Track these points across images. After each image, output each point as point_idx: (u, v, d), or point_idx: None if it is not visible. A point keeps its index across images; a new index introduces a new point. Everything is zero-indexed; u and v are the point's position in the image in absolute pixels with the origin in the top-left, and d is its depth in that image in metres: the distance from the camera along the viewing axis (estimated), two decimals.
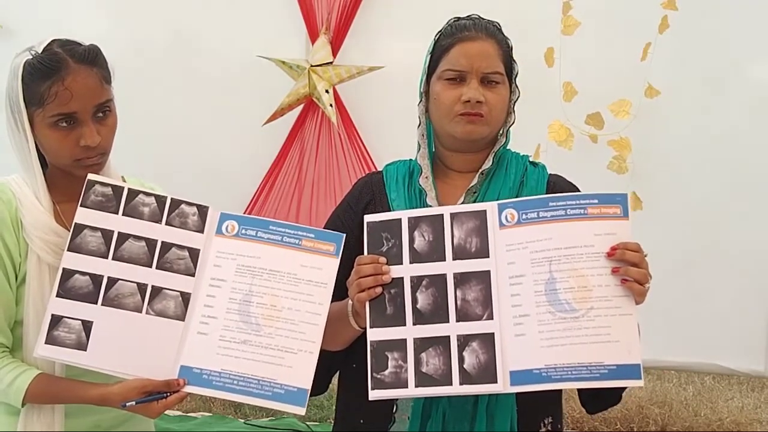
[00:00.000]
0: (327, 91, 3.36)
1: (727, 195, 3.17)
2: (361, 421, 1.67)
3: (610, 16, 3.20)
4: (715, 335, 3.20)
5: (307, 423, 3.67)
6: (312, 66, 3.39)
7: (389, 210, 1.67)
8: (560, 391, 1.69)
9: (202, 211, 1.64)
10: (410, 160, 1.76)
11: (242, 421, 3.76)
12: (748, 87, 3.19)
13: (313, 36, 3.45)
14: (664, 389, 4.36)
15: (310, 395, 1.55)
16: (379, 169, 1.82)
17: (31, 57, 1.59)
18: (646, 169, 3.17)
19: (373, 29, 3.45)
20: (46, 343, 1.55)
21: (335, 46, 3.43)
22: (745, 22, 3.13)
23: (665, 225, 3.10)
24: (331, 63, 3.41)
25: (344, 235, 1.61)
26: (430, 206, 1.65)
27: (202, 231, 1.63)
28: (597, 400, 1.70)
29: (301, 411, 1.54)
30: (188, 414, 3.82)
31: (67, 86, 1.56)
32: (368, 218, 1.59)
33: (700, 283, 3.19)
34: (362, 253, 1.57)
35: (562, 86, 3.15)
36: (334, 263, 1.59)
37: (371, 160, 3.39)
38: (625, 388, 1.63)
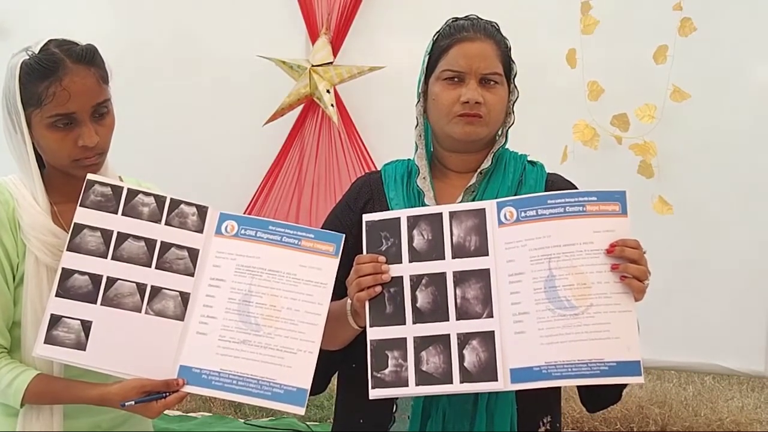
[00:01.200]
0: (328, 91, 3.36)
1: (727, 195, 3.16)
2: (361, 421, 1.67)
3: (624, 18, 3.18)
4: (715, 335, 3.20)
5: (307, 423, 3.67)
6: (313, 66, 3.38)
7: (388, 209, 1.66)
8: (559, 390, 1.69)
9: (202, 211, 1.64)
10: (409, 159, 1.76)
11: (242, 421, 3.76)
12: (750, 87, 3.19)
13: (313, 36, 3.44)
14: (664, 389, 4.36)
15: (309, 394, 1.55)
16: (379, 168, 1.81)
17: (28, 57, 1.58)
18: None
19: (373, 29, 3.45)
20: (45, 342, 1.54)
21: (335, 46, 3.42)
22: (755, 24, 3.13)
23: (665, 225, 3.09)
24: (332, 63, 3.41)
25: (344, 235, 1.61)
26: (428, 206, 1.65)
27: (201, 231, 1.62)
28: (597, 399, 1.70)
29: (301, 411, 1.54)
30: (188, 414, 3.82)
31: (65, 86, 1.55)
32: (367, 217, 1.59)
33: (700, 283, 3.19)
34: (361, 253, 1.57)
35: (587, 86, 3.12)
36: (333, 263, 1.59)
37: (371, 160, 3.39)
38: (624, 386, 1.63)
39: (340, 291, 1.60)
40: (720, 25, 3.10)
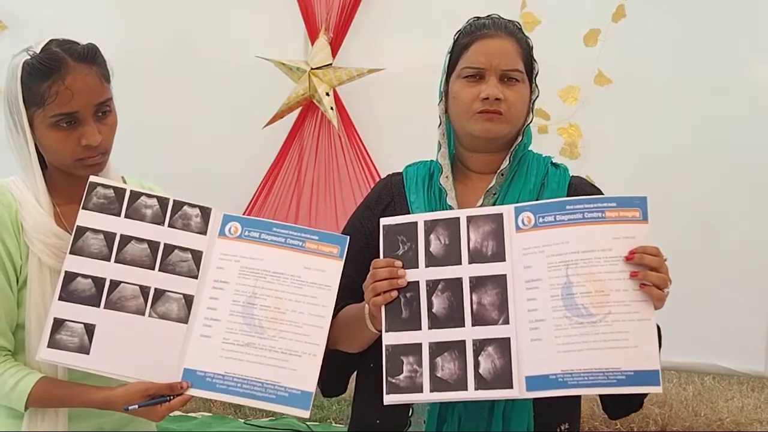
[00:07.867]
0: (327, 94, 3.34)
1: (727, 194, 3.17)
2: (378, 421, 1.65)
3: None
4: (715, 335, 3.20)
5: (307, 423, 3.66)
6: (312, 69, 3.37)
7: (408, 212, 1.65)
8: (579, 396, 1.66)
9: (205, 212, 1.62)
10: (430, 161, 1.74)
11: (242, 421, 3.74)
12: (747, 86, 3.19)
13: (313, 36, 3.43)
14: (664, 389, 4.29)
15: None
16: (380, 169, 1.80)
17: (29, 57, 1.57)
18: (646, 168, 3.18)
19: (372, 29, 3.44)
20: (48, 346, 1.53)
21: (335, 46, 3.41)
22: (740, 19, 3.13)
23: (666, 224, 3.08)
24: (331, 65, 3.40)
25: (348, 237, 1.60)
26: (450, 206, 1.63)
27: (204, 233, 1.61)
28: (619, 406, 1.67)
29: (305, 414, 1.54)
30: (188, 414, 3.79)
31: (67, 85, 1.54)
32: (384, 221, 1.57)
33: (700, 283, 3.17)
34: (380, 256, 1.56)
35: None
36: (338, 265, 1.58)
37: (371, 160, 3.37)
38: (646, 394, 1.60)
39: (358, 295, 1.58)
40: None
